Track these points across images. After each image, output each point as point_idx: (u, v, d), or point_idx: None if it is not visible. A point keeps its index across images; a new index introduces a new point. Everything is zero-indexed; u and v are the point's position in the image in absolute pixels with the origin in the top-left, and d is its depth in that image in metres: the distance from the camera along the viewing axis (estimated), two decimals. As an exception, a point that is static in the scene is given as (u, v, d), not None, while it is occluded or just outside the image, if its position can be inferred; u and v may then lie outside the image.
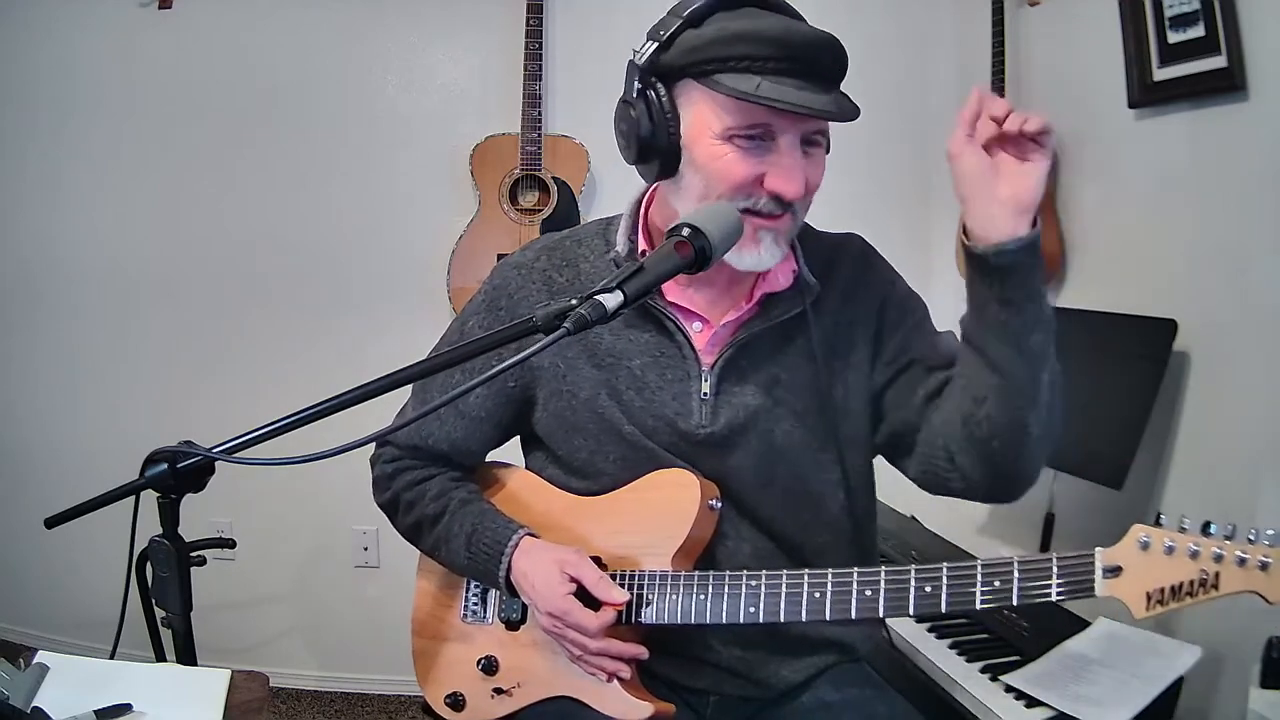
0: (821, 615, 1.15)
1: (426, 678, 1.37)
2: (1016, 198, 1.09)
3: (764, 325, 1.27)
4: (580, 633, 1.20)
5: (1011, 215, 1.09)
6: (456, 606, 1.37)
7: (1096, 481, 1.88)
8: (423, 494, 1.35)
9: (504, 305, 1.34)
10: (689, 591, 1.21)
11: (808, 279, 1.29)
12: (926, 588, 1.10)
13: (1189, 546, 0.97)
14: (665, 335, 1.29)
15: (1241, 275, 1.85)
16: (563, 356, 1.30)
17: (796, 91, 1.11)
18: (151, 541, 1.06)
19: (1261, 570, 0.94)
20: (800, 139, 1.17)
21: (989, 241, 1.10)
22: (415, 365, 1.06)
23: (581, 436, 1.30)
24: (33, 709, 0.97)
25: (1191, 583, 0.96)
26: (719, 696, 1.31)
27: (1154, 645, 1.58)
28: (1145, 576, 0.98)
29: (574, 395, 1.30)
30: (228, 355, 2.88)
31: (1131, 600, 0.99)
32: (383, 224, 2.86)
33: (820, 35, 1.15)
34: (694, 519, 1.23)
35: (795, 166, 1.16)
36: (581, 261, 1.33)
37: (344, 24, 2.81)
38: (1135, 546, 0.99)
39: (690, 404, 1.27)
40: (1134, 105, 2.09)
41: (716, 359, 1.27)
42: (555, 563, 1.23)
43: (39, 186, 2.87)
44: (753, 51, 1.12)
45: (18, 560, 2.88)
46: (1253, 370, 1.81)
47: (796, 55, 1.12)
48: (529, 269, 1.34)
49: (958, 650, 1.78)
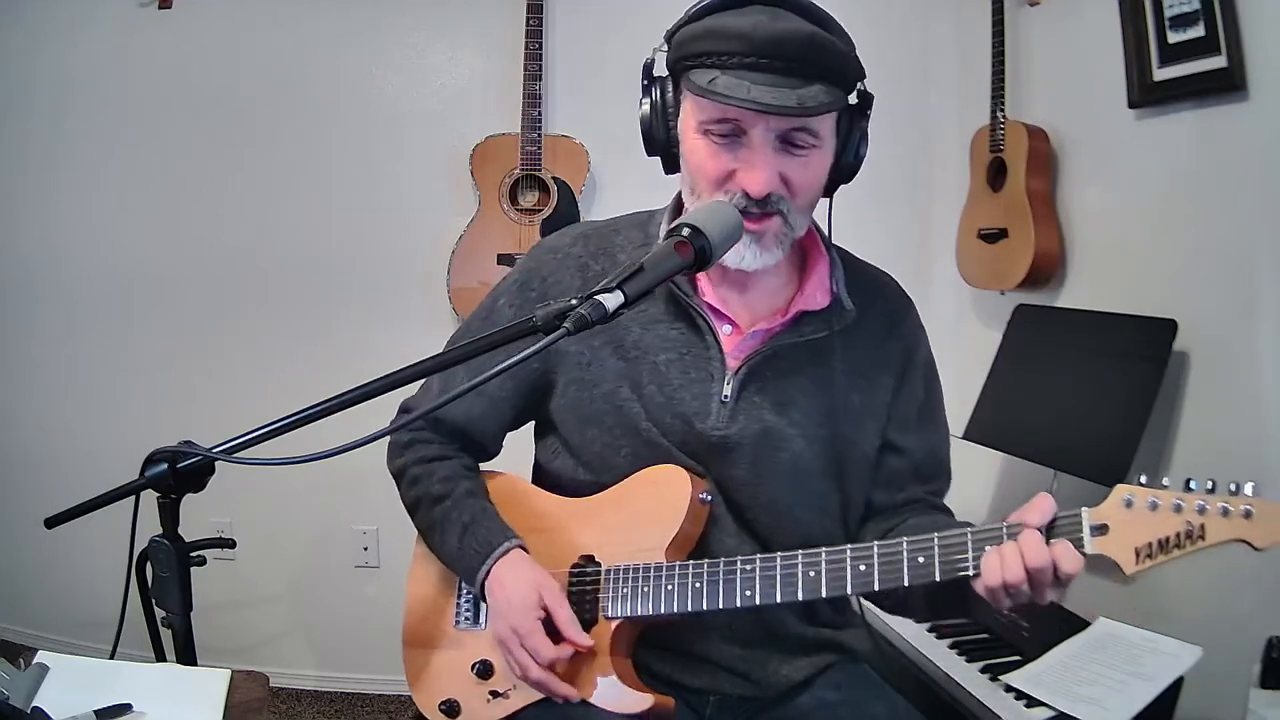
0: (818, 593, 1.15)
1: (419, 685, 1.36)
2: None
3: (793, 340, 1.27)
4: (531, 657, 1.21)
5: None
6: (449, 613, 1.37)
7: (1096, 481, 1.88)
8: (431, 473, 1.35)
9: (536, 287, 1.34)
10: (684, 581, 1.21)
11: (845, 303, 1.29)
12: (919, 558, 1.10)
13: (1173, 501, 1.00)
14: (695, 333, 1.28)
15: (1241, 275, 1.85)
16: (588, 345, 1.29)
17: (754, 87, 1.11)
18: (151, 541, 1.06)
19: (1246, 518, 0.97)
20: (777, 136, 1.16)
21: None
22: (417, 364, 1.06)
23: (596, 428, 1.30)
24: (33, 709, 0.97)
25: (1178, 534, 0.99)
26: (718, 695, 1.31)
27: (1154, 645, 1.58)
28: (1132, 532, 1.00)
29: (595, 385, 1.30)
30: (228, 355, 2.88)
31: (1120, 556, 1.01)
32: (383, 224, 2.86)
33: (793, 29, 1.13)
34: (685, 513, 1.23)
35: (762, 163, 1.16)
36: (618, 252, 1.33)
37: (343, 24, 2.81)
38: (1120, 504, 1.02)
39: (710, 405, 1.27)
40: (1134, 105, 2.10)
41: (742, 364, 1.27)
42: (534, 585, 1.23)
43: (38, 186, 2.87)
44: (717, 47, 1.13)
45: (18, 560, 2.88)
46: (1253, 370, 1.81)
47: (760, 50, 1.11)
48: (565, 254, 1.34)
49: (958, 650, 1.78)
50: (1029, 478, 2.24)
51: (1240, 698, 1.46)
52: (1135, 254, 2.14)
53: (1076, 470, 1.95)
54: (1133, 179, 2.16)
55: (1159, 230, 2.07)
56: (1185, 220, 2.00)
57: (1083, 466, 1.93)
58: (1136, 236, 2.14)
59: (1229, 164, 1.89)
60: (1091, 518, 1.03)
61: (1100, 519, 1.02)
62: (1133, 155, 2.14)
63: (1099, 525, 1.02)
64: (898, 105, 2.76)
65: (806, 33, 1.13)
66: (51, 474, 2.81)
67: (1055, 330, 2.20)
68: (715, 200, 1.18)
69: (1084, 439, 1.95)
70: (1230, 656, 1.52)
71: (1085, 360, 2.04)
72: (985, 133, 2.46)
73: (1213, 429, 1.89)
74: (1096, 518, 1.03)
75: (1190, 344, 1.91)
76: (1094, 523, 1.02)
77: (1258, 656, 1.46)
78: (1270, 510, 0.96)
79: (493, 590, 1.26)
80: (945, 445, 1.39)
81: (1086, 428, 1.96)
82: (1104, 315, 2.08)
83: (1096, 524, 1.02)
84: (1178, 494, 1.00)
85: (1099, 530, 1.02)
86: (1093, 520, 1.03)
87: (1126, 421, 1.86)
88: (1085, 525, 1.03)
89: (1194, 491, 1.00)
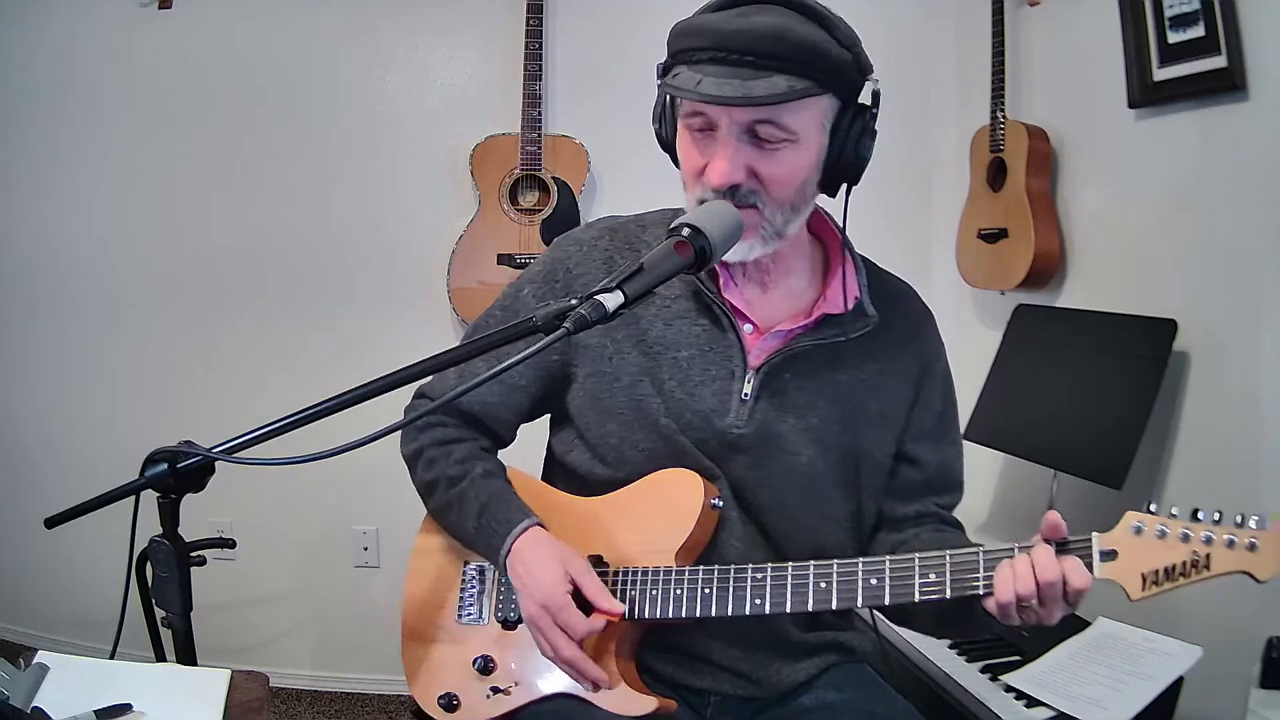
0: (828, 605, 1.15)
1: (417, 680, 1.35)
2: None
3: (814, 342, 1.27)
4: (565, 631, 1.19)
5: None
6: (449, 608, 1.36)
7: (1097, 481, 1.88)
8: (448, 454, 1.35)
9: (560, 278, 1.33)
10: (694, 586, 1.21)
11: (867, 308, 1.29)
12: (931, 575, 1.11)
13: (1181, 530, 1.01)
14: (718, 329, 1.28)
15: (1241, 275, 1.85)
16: (611, 338, 1.29)
17: (706, 79, 1.12)
18: (151, 541, 1.06)
19: (1250, 550, 0.98)
20: (744, 129, 1.16)
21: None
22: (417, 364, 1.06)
23: (615, 422, 1.30)
24: (33, 709, 0.97)
25: (1184, 564, 1.01)
26: (720, 696, 1.31)
27: (1154, 645, 1.58)
28: (1140, 559, 1.02)
29: (615, 379, 1.29)
30: (227, 355, 2.88)
31: (1128, 582, 1.03)
32: (383, 224, 2.86)
33: (758, 24, 1.12)
34: (698, 517, 1.23)
35: (724, 155, 1.16)
36: (644, 248, 1.32)
37: (344, 24, 2.81)
38: (1129, 531, 1.03)
39: (729, 402, 1.27)
40: (1134, 105, 2.10)
41: (764, 363, 1.27)
42: (560, 559, 1.22)
43: (38, 186, 2.87)
44: (687, 44, 1.16)
45: (18, 560, 2.88)
46: (1253, 370, 1.81)
47: (723, 44, 1.12)
48: (591, 246, 1.34)
49: (958, 650, 1.78)
50: (1029, 478, 2.24)
51: (1240, 698, 1.46)
52: (1135, 254, 2.14)
53: (1076, 470, 1.95)
54: (1133, 179, 2.16)
55: (1159, 230, 2.07)
56: (1185, 220, 2.00)
57: (1083, 466, 1.93)
58: (1136, 236, 2.14)
59: (1229, 164, 1.89)
60: (1101, 543, 1.04)
61: (1110, 544, 1.04)
62: (1133, 155, 2.14)
63: (1108, 551, 1.03)
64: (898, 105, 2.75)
65: (770, 25, 1.12)
66: (51, 474, 2.81)
67: (1055, 330, 2.20)
68: (717, 200, 1.18)
69: (1084, 439, 1.95)
70: (1230, 656, 1.52)
71: (1085, 360, 2.04)
72: (985, 133, 2.46)
73: (1213, 429, 1.89)
74: (1106, 543, 1.04)
75: (1190, 344, 1.91)
76: (1103, 548, 1.04)
77: (1258, 656, 1.46)
78: (1274, 543, 0.98)
79: (514, 568, 1.24)
80: (959, 459, 1.39)
81: (1086, 428, 1.96)
82: (1104, 315, 2.08)
83: (1106, 549, 1.04)
84: (1185, 523, 1.01)
85: (1108, 555, 1.03)
86: (1102, 545, 1.04)
87: (1126, 421, 1.86)
88: (1095, 550, 1.04)
89: (1201, 521, 1.01)
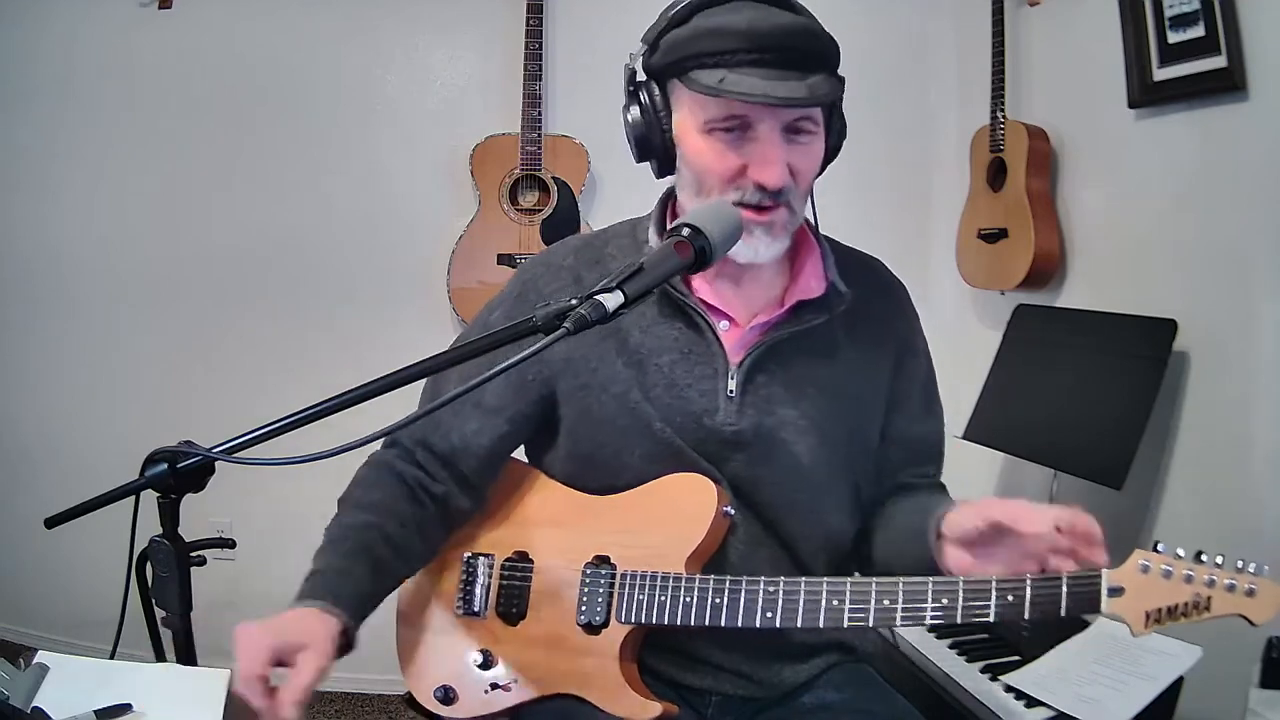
0: (839, 623, 1.15)
1: (412, 669, 1.35)
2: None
3: (793, 329, 1.28)
4: (242, 662, 1.11)
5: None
6: (448, 598, 1.35)
7: (1096, 481, 1.88)
8: (351, 497, 1.36)
9: (533, 299, 1.32)
10: (703, 596, 1.20)
11: (840, 288, 1.30)
12: (944, 599, 1.12)
13: (1185, 572, 1.05)
14: (695, 331, 1.28)
15: (1241, 275, 1.85)
16: (593, 350, 1.29)
17: (763, 81, 1.13)
18: (151, 541, 1.06)
19: (1248, 596, 1.04)
20: (782, 127, 1.17)
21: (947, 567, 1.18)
22: (417, 364, 1.06)
23: (608, 432, 1.29)
24: (33, 709, 0.97)
25: (1186, 604, 1.05)
26: (720, 696, 1.31)
27: (1154, 645, 1.58)
28: (1145, 597, 1.06)
29: (604, 390, 1.29)
30: (227, 355, 2.88)
31: (1132, 618, 1.07)
32: (383, 224, 2.86)
33: (789, 22, 1.15)
34: (710, 525, 1.22)
35: (774, 155, 1.17)
36: (609, 260, 1.33)
37: (344, 24, 2.81)
38: (1136, 570, 1.07)
39: (717, 401, 1.27)
40: (1134, 105, 2.10)
41: (744, 358, 1.27)
42: (302, 631, 1.19)
43: (38, 185, 2.87)
44: (719, 46, 1.14)
45: (18, 560, 2.88)
46: (1253, 370, 1.81)
47: (763, 45, 1.13)
48: (558, 267, 1.34)
49: (958, 650, 1.78)
50: (1029, 478, 2.24)
51: (1240, 698, 1.46)
52: (1135, 254, 2.14)
53: (1076, 470, 1.95)
54: (1133, 179, 2.16)
55: (1159, 230, 2.07)
56: (1185, 220, 2.00)
57: (1083, 466, 1.93)
58: (1136, 236, 2.14)
59: (1229, 164, 1.89)
60: (1110, 580, 1.08)
61: (1118, 581, 1.07)
62: (1133, 155, 2.14)
63: (1116, 588, 1.07)
64: (898, 105, 2.77)
65: (802, 24, 1.16)
66: (51, 474, 2.80)
67: (1055, 330, 2.20)
68: (715, 200, 1.18)
69: (1084, 439, 1.95)
70: (1230, 656, 1.52)
71: (1085, 360, 2.04)
72: (985, 133, 2.46)
73: (1213, 429, 1.89)
74: (1115, 580, 1.07)
75: (1190, 344, 1.91)
76: (1112, 585, 1.07)
77: (1258, 656, 1.46)
78: (1271, 590, 1.03)
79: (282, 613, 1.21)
80: (941, 430, 1.41)
81: (1086, 428, 1.96)
82: (1104, 315, 2.08)
83: (1114, 586, 1.07)
84: (1190, 565, 1.06)
85: (1116, 592, 1.07)
86: (1111, 582, 1.07)
87: (1126, 421, 1.86)
88: (1104, 586, 1.08)
89: (1204, 564, 1.05)
